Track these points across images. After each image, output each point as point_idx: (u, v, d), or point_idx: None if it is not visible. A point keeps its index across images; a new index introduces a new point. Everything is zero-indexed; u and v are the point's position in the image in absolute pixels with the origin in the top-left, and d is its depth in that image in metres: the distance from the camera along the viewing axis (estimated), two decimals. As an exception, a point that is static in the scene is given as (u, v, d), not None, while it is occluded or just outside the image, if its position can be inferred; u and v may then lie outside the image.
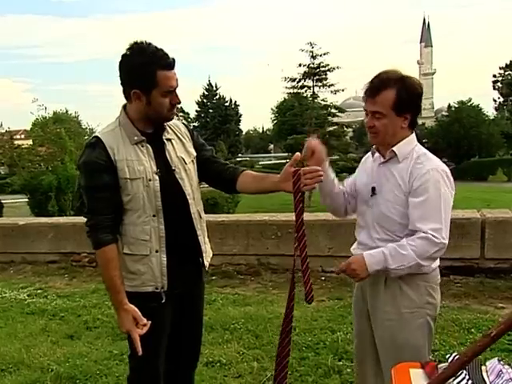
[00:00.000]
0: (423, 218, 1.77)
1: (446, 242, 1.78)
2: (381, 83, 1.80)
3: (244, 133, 65.51)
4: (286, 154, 32.46)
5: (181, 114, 63.13)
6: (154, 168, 1.81)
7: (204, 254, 1.97)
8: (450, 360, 1.43)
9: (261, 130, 74.20)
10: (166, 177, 1.83)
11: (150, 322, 1.78)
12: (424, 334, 1.86)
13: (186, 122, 2.06)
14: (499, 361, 1.45)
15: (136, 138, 1.80)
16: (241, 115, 57.67)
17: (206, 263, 2.00)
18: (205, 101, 56.66)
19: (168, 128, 1.89)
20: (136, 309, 1.77)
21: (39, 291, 4.92)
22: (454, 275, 4.56)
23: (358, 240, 1.99)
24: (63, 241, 5.95)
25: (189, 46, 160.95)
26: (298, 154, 1.80)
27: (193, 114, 58.72)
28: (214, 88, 56.78)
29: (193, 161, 1.94)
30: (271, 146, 65.83)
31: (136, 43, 1.74)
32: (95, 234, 1.79)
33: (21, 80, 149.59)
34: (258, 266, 5.17)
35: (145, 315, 1.83)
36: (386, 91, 1.78)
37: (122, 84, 1.78)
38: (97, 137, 1.80)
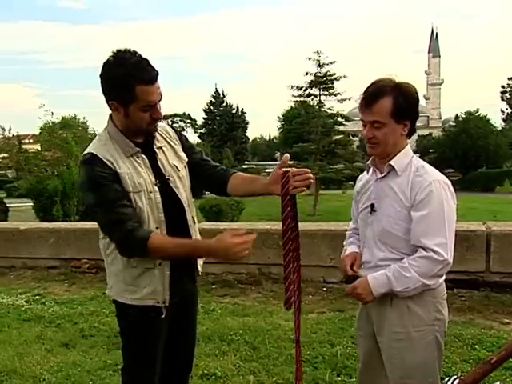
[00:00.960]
0: (427, 232, 1.71)
1: (450, 258, 1.73)
2: (377, 91, 1.76)
3: (251, 140, 65.66)
4: (291, 162, 32.37)
5: (188, 120, 63.54)
6: (153, 179, 1.77)
7: (198, 260, 1.94)
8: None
9: (267, 138, 74.35)
10: (163, 187, 1.78)
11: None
12: (433, 351, 1.81)
13: (173, 127, 2.01)
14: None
15: (130, 149, 1.74)
16: (247, 123, 57.88)
17: (199, 268, 1.97)
18: (212, 108, 56.92)
19: (157, 135, 1.83)
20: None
21: (37, 297, 4.88)
22: (458, 288, 4.46)
23: (362, 259, 1.93)
24: (64, 246, 5.93)
25: (196, 54, 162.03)
26: (287, 155, 1.73)
27: (200, 121, 59.00)
28: (221, 95, 57.05)
29: (185, 166, 1.90)
30: (277, 154, 65.77)
31: (119, 51, 1.65)
32: (132, 236, 1.65)
33: (30, 85, 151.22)
34: (259, 276, 5.10)
35: (143, 326, 1.81)
36: (383, 99, 1.73)
37: (102, 93, 1.70)
38: (91, 153, 1.71)
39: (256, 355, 3.27)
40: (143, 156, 1.77)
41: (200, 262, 1.97)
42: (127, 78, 1.60)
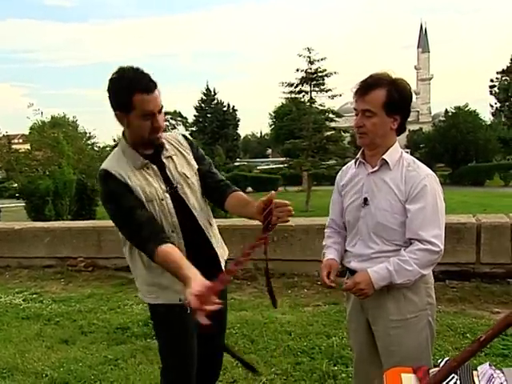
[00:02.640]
0: (424, 224, 1.78)
1: (443, 248, 1.81)
2: (372, 82, 1.82)
3: (242, 137, 65.60)
4: (283, 159, 32.49)
5: (179, 118, 63.28)
6: (164, 187, 1.86)
7: (221, 259, 2.01)
8: (441, 365, 1.44)
9: (259, 135, 74.31)
10: (173, 194, 1.88)
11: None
12: (427, 334, 1.88)
13: (185, 134, 2.09)
14: (490, 366, 1.45)
15: (140, 162, 1.85)
16: (239, 120, 57.76)
17: (223, 263, 2.02)
18: (203, 105, 56.75)
19: (167, 144, 1.92)
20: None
21: (35, 296, 4.91)
22: (450, 280, 4.57)
23: (353, 252, 1.96)
24: (59, 245, 5.95)
25: (187, 51, 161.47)
26: (273, 193, 1.74)
27: (191, 119, 58.80)
28: (212, 93, 56.89)
29: (196, 173, 1.97)
30: (269, 151, 65.85)
31: (121, 68, 1.79)
32: (144, 247, 1.77)
33: (19, 84, 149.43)
34: (255, 271, 5.16)
35: (169, 321, 1.89)
36: (378, 90, 1.79)
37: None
38: (104, 169, 1.84)
39: (254, 347, 3.35)
40: (153, 166, 1.87)
41: (222, 260, 2.01)
42: (125, 88, 1.73)
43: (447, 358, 1.46)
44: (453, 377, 1.34)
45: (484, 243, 4.52)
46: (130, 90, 1.72)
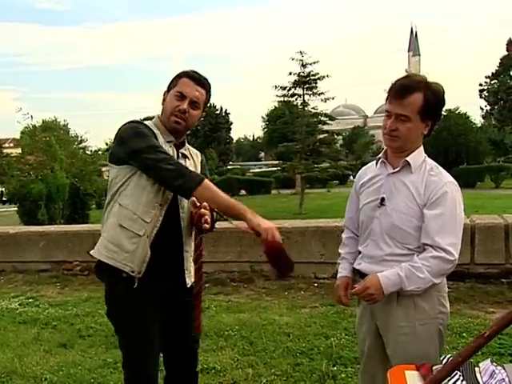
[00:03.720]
0: (441, 231, 1.73)
1: (458, 257, 1.75)
2: (410, 85, 1.75)
3: (235, 141, 65.61)
4: (276, 162, 32.54)
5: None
6: None
7: (187, 271, 1.97)
8: (444, 362, 1.47)
9: (251, 138, 74.37)
10: None
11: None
12: (436, 343, 1.83)
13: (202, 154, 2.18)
14: (492, 362, 1.49)
15: (167, 137, 1.94)
16: (231, 123, 57.86)
17: (188, 280, 1.98)
18: (195, 109, 56.66)
19: (188, 148, 2.04)
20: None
21: (31, 300, 4.88)
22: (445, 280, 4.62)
23: (364, 253, 1.92)
24: (54, 249, 5.92)
25: (179, 55, 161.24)
26: (194, 199, 1.83)
27: (183, 122, 58.61)
28: (205, 96, 56.83)
29: None
30: (262, 154, 65.94)
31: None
32: (186, 170, 1.83)
33: (10, 88, 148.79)
34: (251, 273, 5.18)
35: (118, 293, 1.89)
36: (415, 94, 1.74)
37: None
38: (137, 120, 1.95)
39: (253, 349, 3.36)
40: (174, 149, 1.96)
41: (189, 275, 1.99)
42: (180, 73, 1.96)
43: (450, 355, 1.49)
44: (456, 373, 1.37)
45: (478, 244, 4.57)
46: (182, 74, 1.95)
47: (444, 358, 1.50)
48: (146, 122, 1.94)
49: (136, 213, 1.84)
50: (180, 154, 1.97)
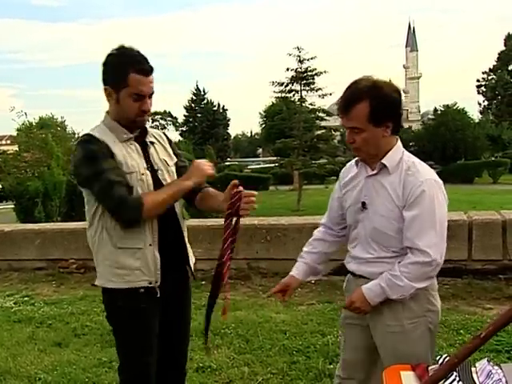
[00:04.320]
0: (420, 233, 1.70)
1: (440, 259, 1.72)
2: (352, 97, 1.72)
3: (232, 137, 65.50)
4: (274, 158, 32.52)
5: (169, 118, 62.98)
6: (145, 164, 1.85)
7: (189, 254, 2.01)
8: (440, 362, 1.45)
9: (249, 135, 74.27)
10: (153, 175, 1.86)
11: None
12: (426, 342, 1.81)
13: (165, 133, 2.08)
14: (488, 362, 1.46)
15: (125, 135, 1.83)
16: (229, 119, 57.73)
17: (191, 264, 2.01)
18: (193, 105, 56.60)
19: (151, 133, 1.94)
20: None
21: (26, 298, 4.85)
22: (443, 277, 4.59)
23: (352, 254, 1.91)
24: (50, 247, 5.88)
25: (176, 51, 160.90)
26: (236, 181, 1.84)
27: (181, 119, 58.63)
28: (202, 92, 56.76)
29: (174, 165, 1.97)
30: (260, 150, 65.86)
31: (122, 46, 1.82)
32: (125, 199, 1.74)
33: (7, 85, 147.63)
34: (248, 271, 5.15)
35: (134, 316, 1.83)
36: (359, 104, 1.69)
37: (101, 79, 1.83)
38: (88, 134, 1.81)
39: (249, 347, 3.34)
40: (136, 144, 1.86)
41: (190, 255, 2.01)
42: (124, 65, 1.76)
43: (446, 355, 1.47)
44: (452, 373, 1.34)
45: (476, 240, 4.55)
46: (128, 67, 1.75)
47: (440, 358, 1.47)
48: (96, 133, 1.80)
49: (127, 229, 1.79)
50: (147, 143, 1.90)
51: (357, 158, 1.89)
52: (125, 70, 1.75)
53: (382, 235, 1.78)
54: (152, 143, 1.92)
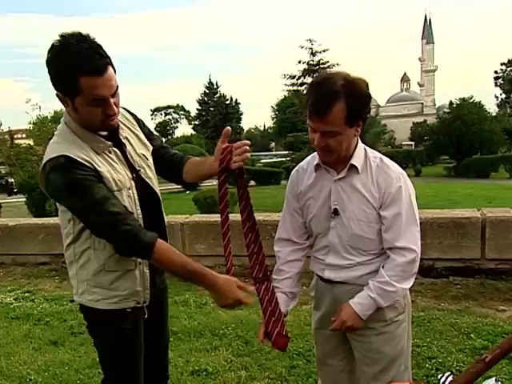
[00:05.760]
0: (402, 231, 1.64)
1: (419, 249, 1.67)
2: (327, 98, 1.52)
3: (245, 131, 65.45)
4: (286, 152, 32.29)
5: (182, 112, 63.12)
6: (129, 173, 1.63)
7: None
8: (441, 382, 1.29)
9: (262, 128, 74.04)
10: (137, 180, 1.66)
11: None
12: (406, 336, 1.80)
13: (127, 108, 1.78)
14: (497, 381, 1.31)
15: (102, 145, 1.57)
16: (241, 113, 57.69)
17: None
18: (206, 99, 56.66)
19: (121, 126, 1.66)
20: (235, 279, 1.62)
21: (27, 294, 4.80)
22: (454, 276, 4.42)
23: (326, 261, 1.77)
24: (54, 242, 5.81)
25: (190, 44, 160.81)
26: (228, 128, 1.64)
27: (194, 113, 58.69)
28: (215, 86, 56.73)
29: (150, 153, 1.77)
30: (272, 144, 65.65)
31: (64, 36, 1.43)
32: (136, 237, 1.50)
33: (22, 79, 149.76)
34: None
35: (122, 337, 1.69)
36: (336, 106, 1.51)
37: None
38: (64, 155, 1.48)
39: (248, 349, 3.21)
40: (115, 149, 1.61)
41: None
42: (69, 68, 1.41)
43: (448, 374, 1.31)
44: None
45: (489, 238, 4.36)
46: (75, 69, 1.40)
47: (442, 377, 1.32)
48: (73, 153, 1.48)
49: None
50: (122, 141, 1.64)
51: (316, 163, 1.72)
52: (72, 75, 1.40)
53: (362, 240, 1.69)
54: (126, 138, 1.66)
